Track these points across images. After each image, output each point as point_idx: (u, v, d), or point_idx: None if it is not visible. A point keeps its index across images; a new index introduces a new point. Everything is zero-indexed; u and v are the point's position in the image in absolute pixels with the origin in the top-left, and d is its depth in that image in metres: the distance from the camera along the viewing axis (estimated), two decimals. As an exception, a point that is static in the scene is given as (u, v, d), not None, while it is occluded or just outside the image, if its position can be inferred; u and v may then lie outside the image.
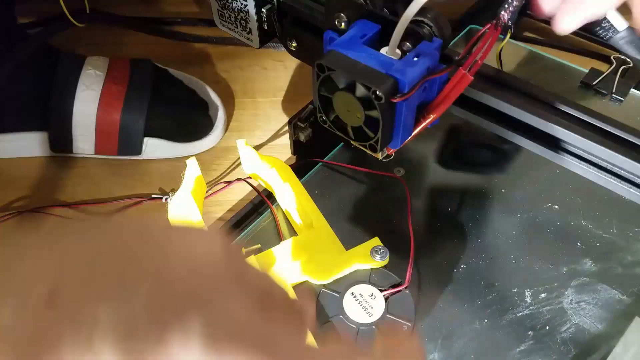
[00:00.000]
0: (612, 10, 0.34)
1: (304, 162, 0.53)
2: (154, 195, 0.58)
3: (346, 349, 0.20)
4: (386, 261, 0.44)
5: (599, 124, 0.36)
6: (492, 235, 0.48)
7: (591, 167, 0.37)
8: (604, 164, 0.37)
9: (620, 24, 0.34)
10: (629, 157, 0.35)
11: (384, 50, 0.35)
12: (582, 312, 0.43)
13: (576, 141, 0.37)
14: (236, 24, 0.47)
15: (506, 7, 0.33)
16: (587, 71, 0.57)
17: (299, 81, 0.69)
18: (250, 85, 0.69)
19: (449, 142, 0.54)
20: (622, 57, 0.58)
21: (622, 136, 0.36)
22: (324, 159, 0.53)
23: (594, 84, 0.56)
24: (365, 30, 0.36)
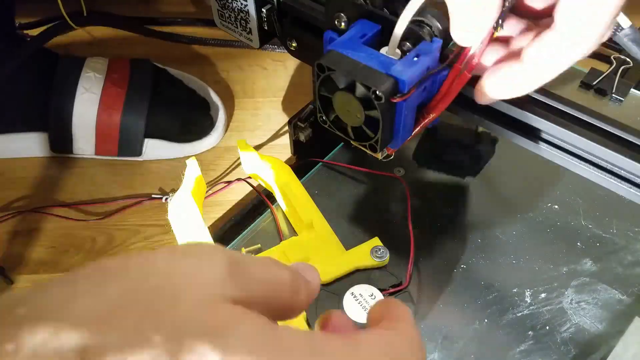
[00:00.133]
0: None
1: (304, 162, 0.53)
2: (154, 195, 0.58)
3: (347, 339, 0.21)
4: (386, 261, 0.44)
5: (599, 124, 0.36)
6: (492, 235, 0.48)
7: (591, 167, 0.37)
8: (604, 164, 0.37)
9: (624, 21, 0.34)
10: (629, 157, 0.35)
11: (384, 50, 0.35)
12: (582, 312, 0.43)
13: (576, 141, 0.37)
14: (236, 24, 0.47)
15: None
16: (587, 71, 0.57)
17: (299, 81, 0.69)
18: (250, 85, 0.69)
19: (449, 142, 0.54)
20: (622, 57, 0.58)
21: (622, 136, 0.36)
22: (324, 159, 0.53)
23: (594, 84, 0.56)
24: (365, 30, 0.36)
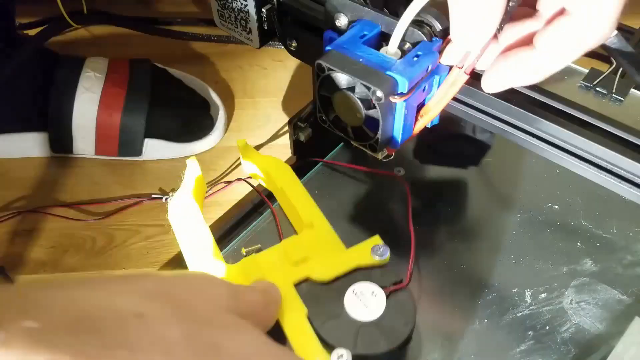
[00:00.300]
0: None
1: (304, 162, 0.53)
2: (154, 195, 0.58)
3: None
4: (387, 259, 0.44)
5: (599, 124, 0.36)
6: (492, 235, 0.48)
7: (591, 167, 0.37)
8: (604, 164, 0.37)
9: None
10: (629, 157, 0.35)
11: (384, 50, 0.35)
12: (582, 312, 0.43)
13: (576, 141, 0.37)
14: (236, 24, 0.47)
15: None
16: (587, 71, 0.57)
17: (299, 81, 0.69)
18: (250, 85, 0.69)
19: (449, 142, 0.54)
20: (622, 57, 0.58)
21: (622, 136, 0.36)
22: (324, 159, 0.53)
23: (594, 84, 0.56)
24: (365, 30, 0.36)
